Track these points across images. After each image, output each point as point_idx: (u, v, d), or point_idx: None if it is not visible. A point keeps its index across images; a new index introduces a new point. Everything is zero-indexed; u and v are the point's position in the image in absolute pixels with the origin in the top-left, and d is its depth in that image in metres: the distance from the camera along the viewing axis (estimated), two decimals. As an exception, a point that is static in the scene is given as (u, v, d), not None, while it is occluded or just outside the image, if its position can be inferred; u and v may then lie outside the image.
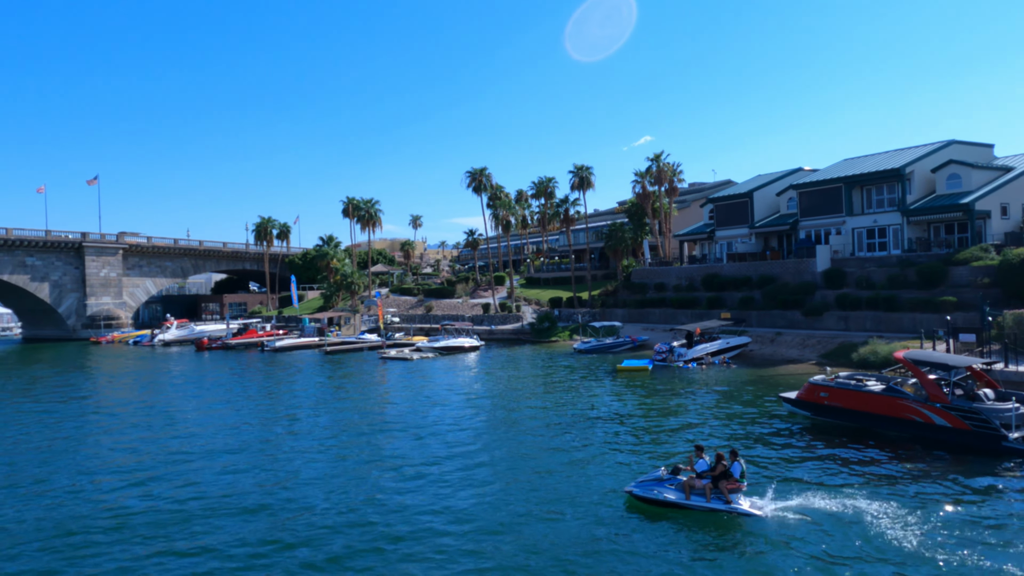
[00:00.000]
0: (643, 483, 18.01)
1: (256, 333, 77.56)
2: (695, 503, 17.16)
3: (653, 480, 17.95)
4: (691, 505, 17.17)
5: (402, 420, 31.72)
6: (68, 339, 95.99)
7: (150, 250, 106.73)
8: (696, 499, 17.20)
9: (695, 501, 17.18)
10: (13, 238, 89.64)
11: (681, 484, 17.50)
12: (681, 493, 17.39)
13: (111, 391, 46.05)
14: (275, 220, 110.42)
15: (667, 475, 17.89)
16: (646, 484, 17.91)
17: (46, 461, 25.63)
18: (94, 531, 17.82)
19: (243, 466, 24.06)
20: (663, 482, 17.72)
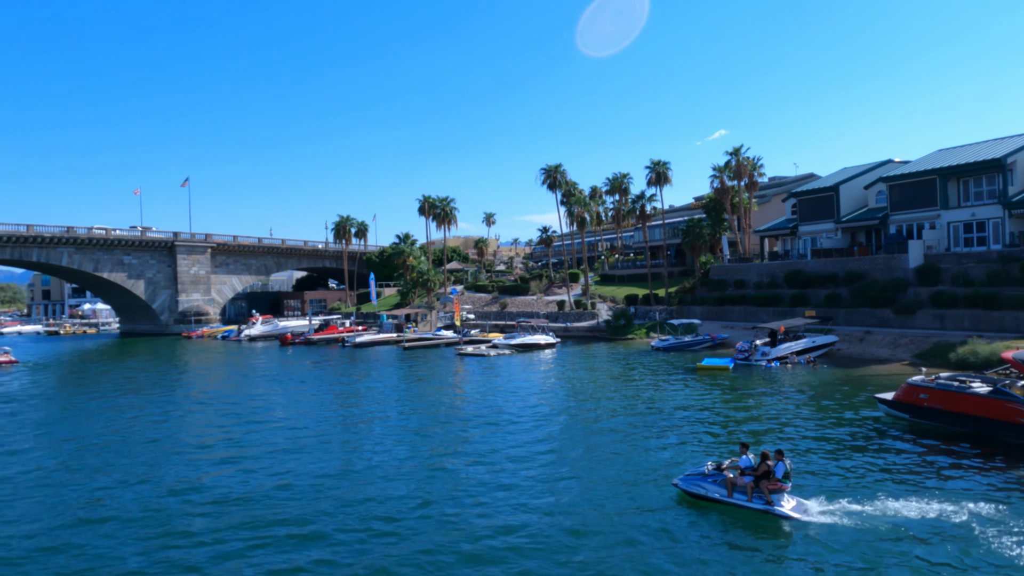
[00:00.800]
0: (689, 477, 18.36)
1: (337, 329, 79.62)
2: (736, 500, 17.32)
3: (698, 475, 18.22)
4: (732, 502, 17.35)
5: (480, 414, 32.00)
6: (161, 334, 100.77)
7: (236, 249, 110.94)
8: (738, 497, 17.35)
9: (737, 499, 17.33)
10: (112, 238, 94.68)
11: (724, 481, 17.67)
12: (724, 490, 17.58)
13: (206, 383, 48.05)
14: (353, 219, 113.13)
15: (712, 471, 18.07)
16: (691, 478, 18.25)
17: (150, 447, 26.98)
18: (193, 516, 18.62)
19: (327, 456, 24.77)
20: (707, 477, 17.95)
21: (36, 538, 17.36)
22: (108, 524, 18.25)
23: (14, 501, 20.58)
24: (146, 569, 15.34)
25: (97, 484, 22.12)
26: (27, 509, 19.77)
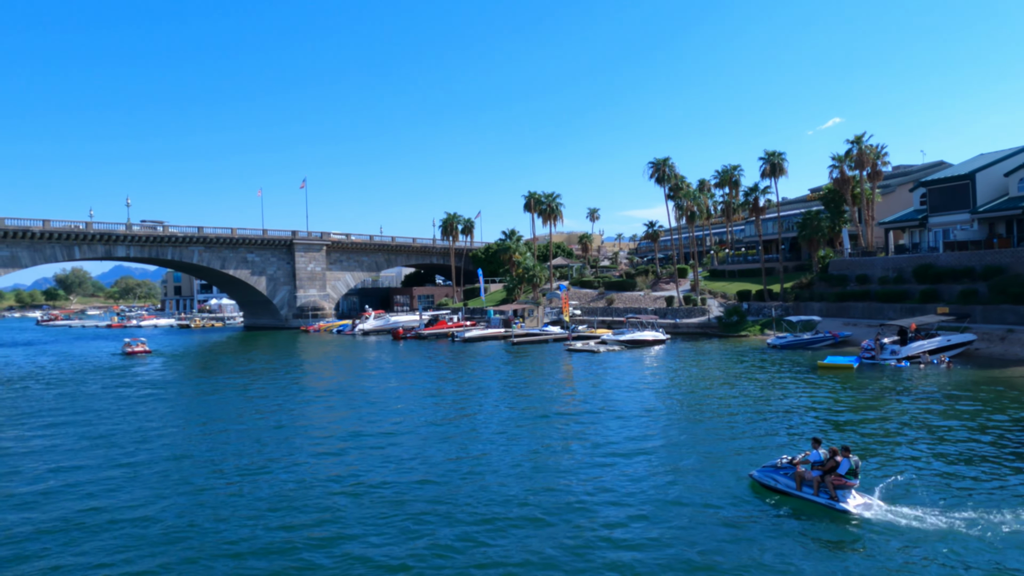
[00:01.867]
0: (763, 469, 19.38)
1: (446, 324, 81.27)
2: (804, 494, 18.06)
3: (771, 467, 19.15)
4: (799, 495, 18.13)
5: (591, 410, 31.84)
6: (281, 327, 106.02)
7: (349, 246, 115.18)
8: (806, 490, 18.09)
9: (804, 492, 18.08)
10: (237, 237, 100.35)
11: (794, 474, 18.42)
12: (793, 483, 18.40)
13: (326, 375, 50.12)
14: (460, 216, 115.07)
15: (784, 464, 18.84)
16: (765, 470, 19.24)
17: (278, 434, 28.40)
18: (307, 508, 19.42)
19: (439, 446, 25.29)
20: (779, 470, 18.83)
21: (183, 516, 18.61)
22: (245, 506, 19.33)
23: (157, 481, 22.12)
24: (284, 547, 16.14)
25: (233, 466, 23.46)
26: (171, 488, 21.20)
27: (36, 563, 15.76)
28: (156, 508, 19.38)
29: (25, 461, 25.26)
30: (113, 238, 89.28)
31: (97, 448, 27.17)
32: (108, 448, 27.06)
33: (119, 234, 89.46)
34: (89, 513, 19.08)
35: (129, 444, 27.70)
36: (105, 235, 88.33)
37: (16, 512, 19.39)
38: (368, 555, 15.71)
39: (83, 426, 31.78)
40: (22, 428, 31.80)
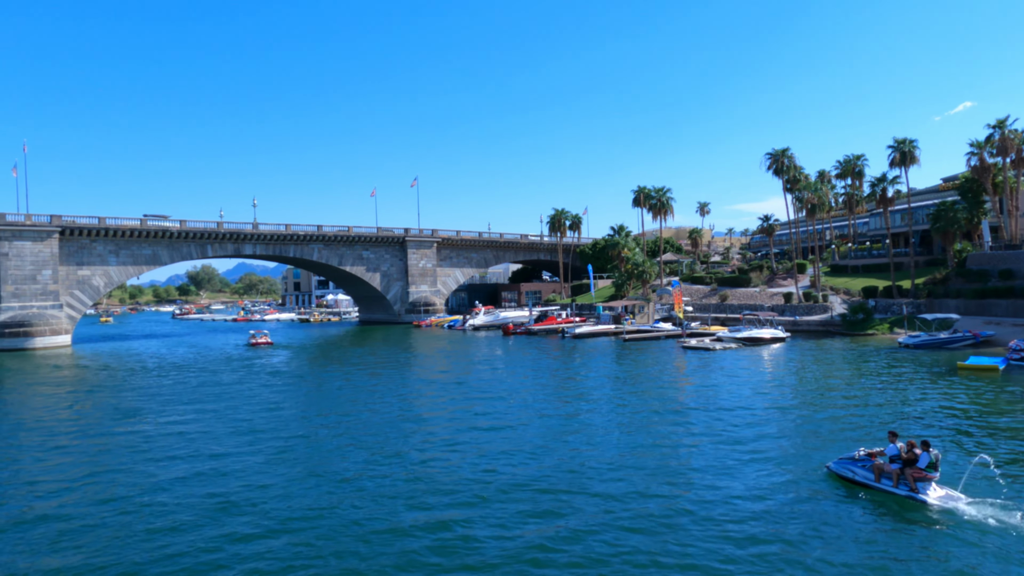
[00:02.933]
0: (840, 461, 19.74)
1: (555, 320, 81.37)
2: (882, 485, 18.40)
3: (848, 459, 19.50)
4: (878, 487, 18.45)
5: (707, 407, 31.02)
6: (394, 322, 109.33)
7: (458, 243, 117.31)
8: (885, 482, 18.42)
9: (883, 484, 18.40)
10: (353, 235, 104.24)
11: (873, 466, 18.72)
12: (871, 474, 18.75)
13: (441, 368, 51.23)
14: (567, 212, 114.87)
15: (862, 456, 19.17)
16: (843, 462, 19.61)
17: (395, 423, 29.24)
18: (400, 496, 19.79)
19: (554, 438, 25.22)
20: (857, 462, 19.17)
21: (318, 499, 19.44)
22: (373, 491, 19.98)
23: (292, 466, 23.21)
24: (415, 530, 16.56)
25: (359, 453, 24.33)
26: (305, 473, 22.19)
27: (190, 536, 16.87)
28: (293, 490, 20.35)
29: (177, 444, 27.14)
30: (241, 236, 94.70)
31: (240, 435, 28.84)
32: (248, 435, 28.68)
33: (247, 233, 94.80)
34: (237, 491, 20.26)
35: (265, 430, 29.27)
36: (234, 234, 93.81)
37: (168, 490, 20.84)
38: (476, 535, 15.90)
39: (222, 412, 33.85)
40: (175, 414, 34.20)
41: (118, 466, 23.84)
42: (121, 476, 22.53)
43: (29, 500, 20.29)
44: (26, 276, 77.25)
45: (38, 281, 77.95)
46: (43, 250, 78.41)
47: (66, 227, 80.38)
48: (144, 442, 27.54)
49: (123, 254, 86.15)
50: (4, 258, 76.06)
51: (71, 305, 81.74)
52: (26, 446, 27.77)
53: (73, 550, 16.27)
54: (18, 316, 75.97)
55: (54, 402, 39.63)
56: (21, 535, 17.37)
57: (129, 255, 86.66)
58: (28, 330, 75.76)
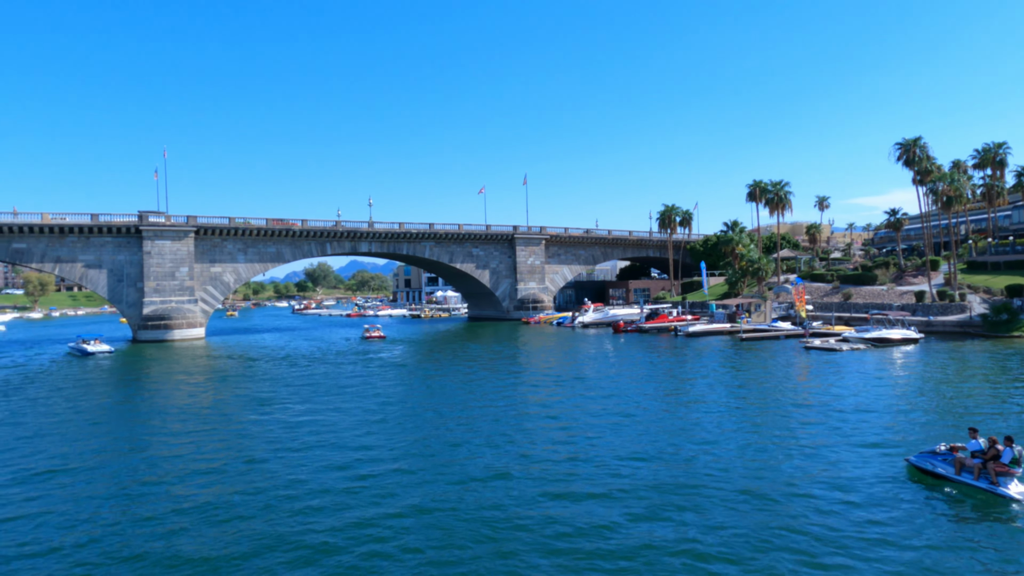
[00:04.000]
0: (921, 455, 20.05)
1: (667, 318, 79.86)
2: (963, 479, 18.66)
3: (929, 453, 19.81)
4: (959, 480, 18.73)
5: (832, 407, 29.40)
6: (503, 319, 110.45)
7: (566, 240, 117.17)
8: (965, 475, 18.68)
9: (964, 477, 18.68)
10: (463, 232, 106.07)
11: (954, 460, 19.05)
12: (952, 468, 19.04)
13: (554, 363, 51.26)
14: (678, 207, 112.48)
15: (944, 450, 19.45)
16: (923, 456, 19.92)
17: (508, 415, 29.43)
18: (498, 486, 19.67)
19: (669, 436, 24.59)
20: (937, 456, 19.45)
21: (437, 486, 19.80)
22: (488, 480, 20.15)
23: (415, 454, 23.75)
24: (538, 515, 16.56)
25: (475, 444, 24.62)
26: (426, 463, 22.67)
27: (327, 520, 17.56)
28: (425, 478, 20.84)
29: (309, 432, 28.41)
30: (358, 235, 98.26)
31: (366, 425, 29.87)
32: (374, 425, 29.66)
33: (363, 231, 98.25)
34: (368, 478, 20.97)
35: (389, 420, 30.18)
36: (351, 232, 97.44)
37: (300, 478, 21.80)
38: (586, 525, 15.69)
39: (347, 402, 35.17)
40: (305, 403, 35.85)
41: (257, 452, 25.18)
42: (259, 462, 23.77)
43: (183, 481, 21.74)
44: (166, 273, 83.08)
45: (176, 277, 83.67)
46: (180, 248, 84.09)
47: (201, 227, 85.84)
48: (280, 430, 28.98)
49: (250, 252, 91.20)
50: (147, 256, 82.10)
51: (205, 300, 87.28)
52: (175, 432, 29.81)
53: (221, 528, 17.29)
54: (159, 310, 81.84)
55: (196, 390, 42.41)
56: (177, 517, 18.62)
57: (256, 253, 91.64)
58: (168, 323, 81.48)
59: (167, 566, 15.29)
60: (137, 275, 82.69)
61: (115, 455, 25.46)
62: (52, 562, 15.66)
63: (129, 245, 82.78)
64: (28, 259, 79.16)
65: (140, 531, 17.38)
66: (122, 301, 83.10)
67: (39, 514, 18.83)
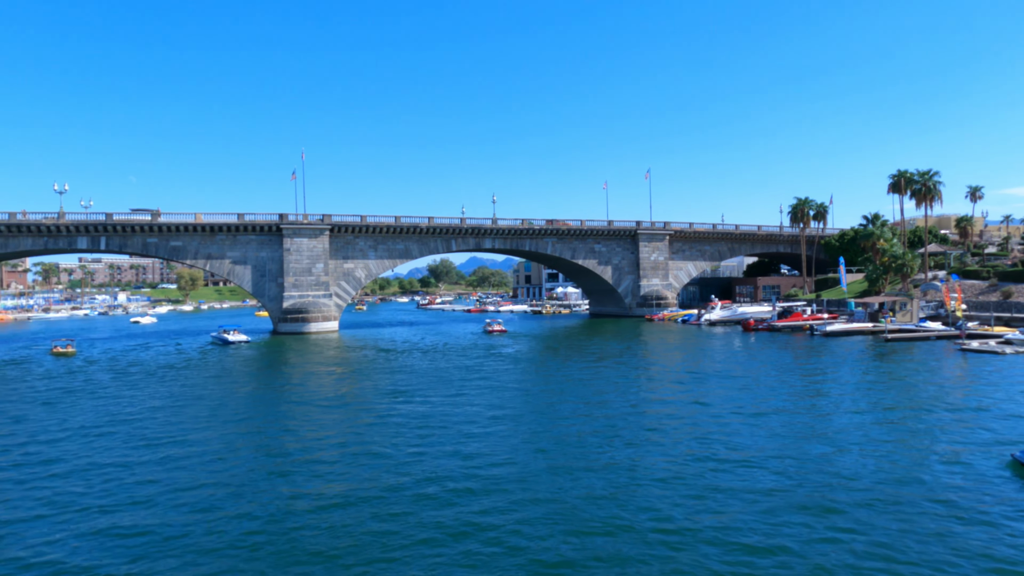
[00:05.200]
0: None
1: (801, 316, 76.06)
2: None
3: None
4: None
5: (997, 414, 26.69)
6: (625, 315, 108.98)
7: (691, 236, 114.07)
8: None
9: None
10: (586, 228, 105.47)
11: None
12: None
13: (680, 361, 49.90)
14: (811, 200, 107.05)
15: None
16: None
17: (636, 417, 28.69)
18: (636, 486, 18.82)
19: (801, 440, 23.05)
20: None
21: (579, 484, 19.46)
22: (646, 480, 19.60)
23: (535, 449, 23.56)
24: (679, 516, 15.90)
25: (598, 441, 24.11)
26: (546, 461, 22.41)
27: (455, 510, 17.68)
28: (532, 472, 20.66)
29: (439, 423, 28.92)
30: (482, 231, 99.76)
31: (495, 418, 30.09)
32: (503, 419, 29.82)
33: (487, 228, 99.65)
34: (495, 472, 21.01)
35: (516, 416, 30.24)
36: (475, 229, 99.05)
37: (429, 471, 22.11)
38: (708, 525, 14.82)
39: (477, 393, 35.60)
40: (434, 394, 36.63)
41: (392, 441, 25.84)
42: (393, 451, 24.38)
43: (317, 465, 22.63)
44: (303, 269, 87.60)
45: (312, 273, 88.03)
46: (316, 246, 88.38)
47: (335, 225, 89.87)
48: (414, 420, 29.67)
49: (380, 249, 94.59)
50: (287, 253, 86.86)
51: (338, 294, 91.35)
52: (319, 419, 31.17)
53: (355, 512, 17.78)
54: (297, 304, 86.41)
55: (333, 379, 44.34)
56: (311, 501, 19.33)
57: (385, 250, 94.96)
58: (305, 316, 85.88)
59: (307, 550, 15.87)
60: (277, 271, 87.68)
61: (267, 439, 26.92)
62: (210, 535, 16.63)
63: (270, 243, 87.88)
64: (183, 256, 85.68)
65: (296, 511, 18.17)
66: (264, 295, 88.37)
67: (214, 486, 20.10)
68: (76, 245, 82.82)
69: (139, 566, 15.13)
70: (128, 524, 17.62)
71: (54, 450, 25.61)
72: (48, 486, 21.00)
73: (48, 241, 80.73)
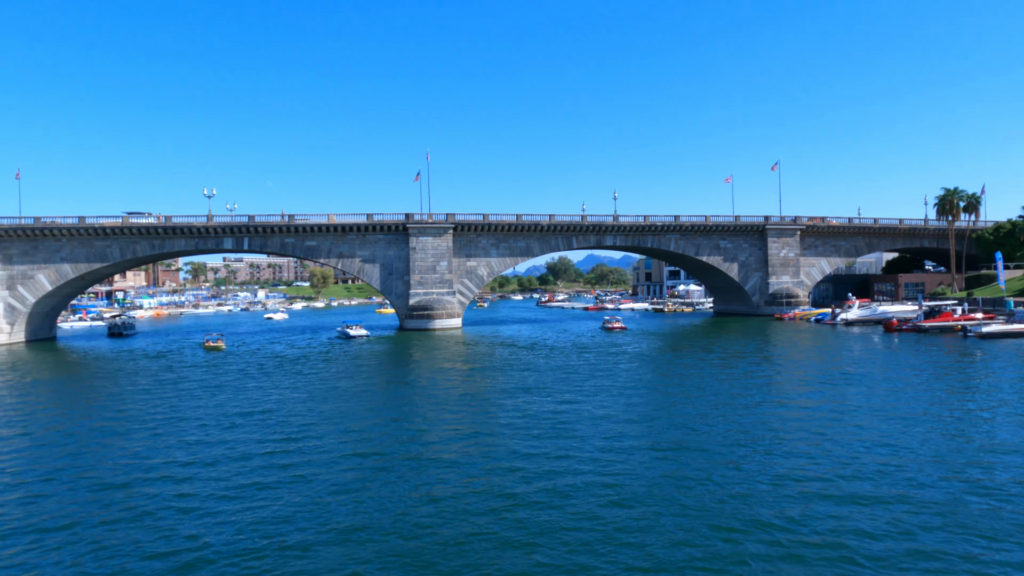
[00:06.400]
0: None
1: (951, 316, 70.32)
2: None
3: None
4: None
5: None
6: (752, 314, 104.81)
7: (824, 230, 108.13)
8: None
9: None
10: (710, 224, 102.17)
11: None
12: None
13: (815, 364, 47.22)
14: (961, 191, 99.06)
15: None
16: None
17: (763, 421, 27.18)
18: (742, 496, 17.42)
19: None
20: None
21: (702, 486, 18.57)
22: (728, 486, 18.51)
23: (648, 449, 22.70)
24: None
25: (719, 444, 22.95)
26: (659, 465, 21.51)
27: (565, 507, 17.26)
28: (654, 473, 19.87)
29: (558, 422, 28.63)
30: (603, 228, 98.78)
31: (630, 423, 29.49)
32: (636, 420, 29.16)
33: (608, 225, 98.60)
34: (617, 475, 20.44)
35: (649, 414, 29.49)
36: (596, 226, 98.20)
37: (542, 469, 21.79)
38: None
39: (605, 393, 35.09)
40: (566, 392, 36.45)
41: (523, 441, 25.79)
42: (523, 448, 24.30)
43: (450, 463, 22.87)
44: (428, 267, 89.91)
45: (436, 271, 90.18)
46: (440, 244, 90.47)
47: (458, 224, 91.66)
48: (544, 419, 29.56)
49: (502, 247, 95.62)
50: (412, 252, 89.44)
51: (462, 292, 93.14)
52: (447, 415, 31.68)
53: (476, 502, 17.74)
54: (422, 300, 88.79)
55: (463, 376, 45.07)
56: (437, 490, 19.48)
57: (507, 248, 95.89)
58: (430, 313, 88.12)
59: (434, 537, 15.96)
60: (404, 269, 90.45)
61: (404, 432, 27.63)
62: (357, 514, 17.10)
63: (397, 242, 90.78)
64: (317, 255, 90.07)
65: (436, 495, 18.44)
66: (391, 292, 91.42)
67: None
68: (223, 245, 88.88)
69: (296, 557, 15.75)
70: (286, 506, 18.46)
71: (230, 434, 27.39)
72: (232, 469, 22.42)
73: (199, 242, 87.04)
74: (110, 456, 24.82)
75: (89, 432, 29.24)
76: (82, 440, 27.63)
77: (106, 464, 23.68)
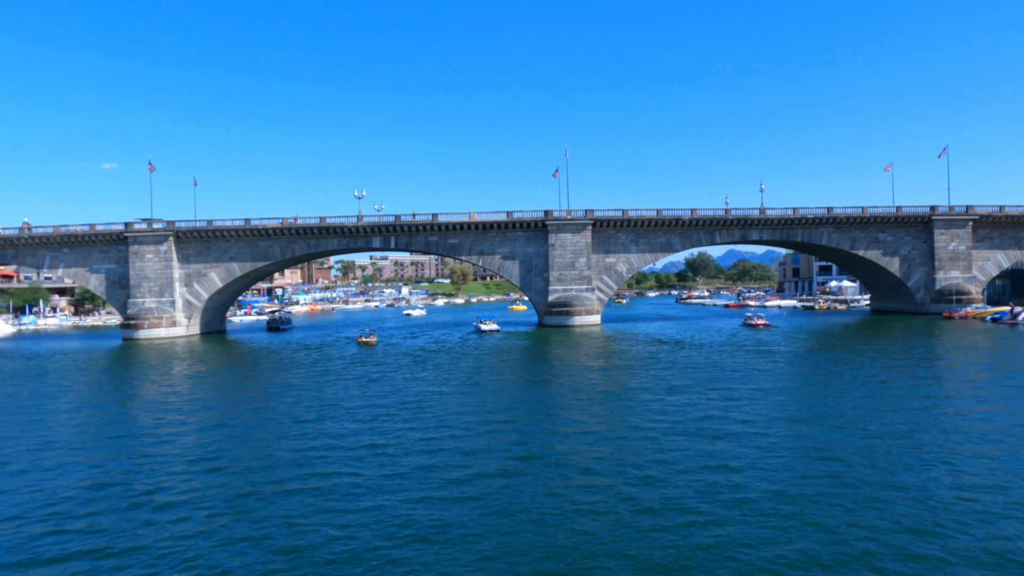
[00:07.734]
0: None
1: None
2: None
3: None
4: None
5: None
6: (915, 312, 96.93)
7: (1001, 220, 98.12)
8: None
9: None
10: (868, 216, 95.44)
11: None
12: None
13: (990, 367, 42.85)
14: None
15: None
16: None
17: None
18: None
19: None
20: None
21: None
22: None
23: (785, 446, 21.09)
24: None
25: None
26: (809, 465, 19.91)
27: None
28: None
29: (710, 423, 27.52)
30: (748, 222, 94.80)
31: (777, 424, 27.95)
32: (792, 424, 27.62)
33: (753, 219, 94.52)
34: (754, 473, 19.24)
35: (804, 417, 27.81)
36: (741, 220, 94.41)
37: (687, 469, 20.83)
38: None
39: (761, 393, 33.51)
40: (712, 392, 35.21)
41: (670, 442, 25.00)
42: (667, 455, 23.54)
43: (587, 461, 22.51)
44: (567, 263, 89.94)
45: (575, 267, 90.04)
46: (579, 241, 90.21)
47: (597, 220, 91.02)
48: (691, 419, 28.60)
49: (641, 243, 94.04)
50: (551, 248, 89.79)
51: (600, 289, 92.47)
52: (592, 412, 31.37)
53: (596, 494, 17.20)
54: (561, 297, 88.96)
55: (605, 373, 44.65)
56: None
57: (647, 243, 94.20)
58: (569, 310, 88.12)
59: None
60: (543, 265, 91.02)
61: (550, 426, 27.67)
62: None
63: (536, 239, 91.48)
64: (459, 252, 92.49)
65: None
66: (531, 289, 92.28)
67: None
68: (371, 244, 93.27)
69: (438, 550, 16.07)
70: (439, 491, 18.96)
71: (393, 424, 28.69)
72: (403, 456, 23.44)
73: (349, 241, 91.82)
74: (320, 439, 26.54)
75: (289, 418, 31.57)
76: (282, 425, 29.78)
77: (313, 450, 25.32)
